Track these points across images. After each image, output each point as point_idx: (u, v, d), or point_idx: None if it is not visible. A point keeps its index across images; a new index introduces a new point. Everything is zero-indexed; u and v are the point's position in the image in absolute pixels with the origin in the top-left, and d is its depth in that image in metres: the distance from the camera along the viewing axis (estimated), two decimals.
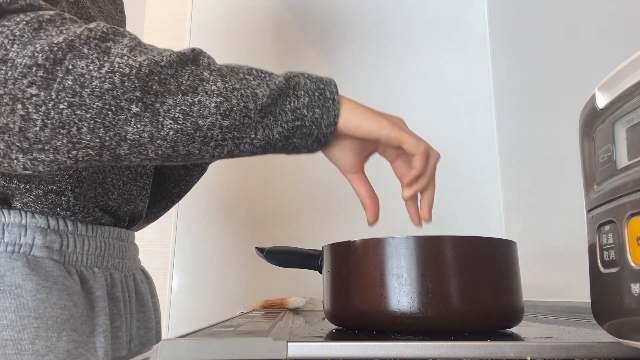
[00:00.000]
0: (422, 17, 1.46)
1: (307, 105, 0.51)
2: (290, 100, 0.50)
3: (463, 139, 1.39)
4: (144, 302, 0.77)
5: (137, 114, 0.44)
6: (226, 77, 0.48)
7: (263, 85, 0.49)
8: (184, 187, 0.86)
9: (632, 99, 0.31)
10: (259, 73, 0.51)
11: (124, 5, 0.84)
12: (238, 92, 0.48)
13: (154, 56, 0.46)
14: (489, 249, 0.48)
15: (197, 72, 0.47)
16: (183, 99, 0.46)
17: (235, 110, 0.47)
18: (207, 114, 0.46)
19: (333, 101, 0.52)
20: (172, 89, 0.45)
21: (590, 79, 0.38)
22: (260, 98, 0.48)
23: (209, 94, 0.46)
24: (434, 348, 0.36)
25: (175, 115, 0.45)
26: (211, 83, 0.47)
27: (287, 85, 0.50)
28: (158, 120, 0.45)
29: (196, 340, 0.35)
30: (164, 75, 0.45)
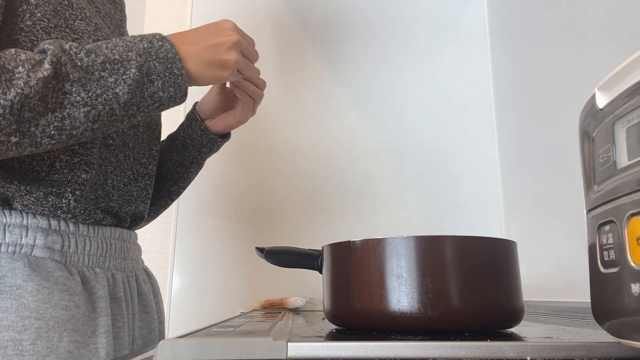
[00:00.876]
0: (422, 17, 1.46)
1: (162, 87, 0.57)
2: (147, 87, 0.56)
3: (463, 139, 1.39)
4: (147, 303, 0.76)
5: (17, 143, 0.49)
6: (86, 85, 0.52)
7: (120, 82, 0.54)
8: (182, 184, 0.86)
9: (632, 99, 0.31)
10: (113, 65, 0.54)
11: (124, 5, 0.83)
12: (101, 98, 0.53)
13: (22, 88, 0.48)
14: (489, 249, 0.48)
15: (58, 86, 0.51)
16: (53, 117, 0.50)
17: (102, 114, 0.53)
18: (78, 124, 0.52)
19: (182, 77, 0.58)
20: (41, 110, 0.50)
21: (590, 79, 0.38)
22: (122, 96, 0.54)
23: (76, 105, 0.51)
24: (434, 348, 0.36)
25: (51, 132, 0.51)
26: (74, 94, 0.51)
27: (141, 74, 0.55)
28: (37, 142, 0.50)
29: (196, 340, 0.35)
30: (33, 103, 0.49)
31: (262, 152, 1.33)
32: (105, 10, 0.74)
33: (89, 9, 0.67)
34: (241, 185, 1.32)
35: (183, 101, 0.60)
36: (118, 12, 0.80)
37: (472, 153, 1.39)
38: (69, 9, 0.62)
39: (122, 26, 0.81)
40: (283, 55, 1.41)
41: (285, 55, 1.41)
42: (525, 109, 1.23)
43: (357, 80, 1.40)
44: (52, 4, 0.60)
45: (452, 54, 1.45)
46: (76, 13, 0.63)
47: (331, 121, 1.37)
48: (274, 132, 1.34)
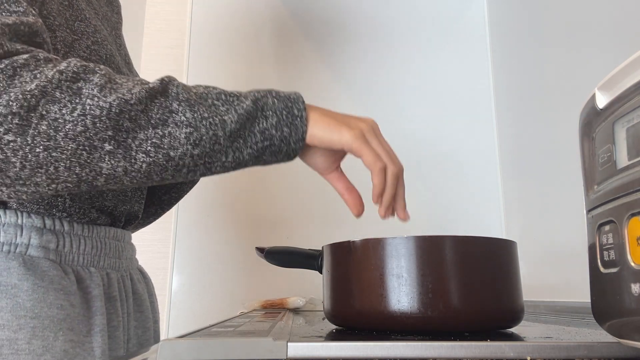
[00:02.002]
0: (422, 17, 1.46)
1: (276, 125, 0.53)
2: (259, 122, 0.52)
3: (463, 140, 1.39)
4: (142, 302, 0.76)
5: (110, 152, 0.47)
6: (194, 106, 0.49)
7: (231, 111, 0.51)
8: (175, 195, 0.85)
9: (632, 99, 0.31)
10: (228, 97, 0.52)
11: (120, 7, 0.83)
12: (207, 121, 0.49)
13: (124, 94, 0.47)
14: (489, 249, 0.48)
15: (165, 103, 0.48)
16: (154, 132, 0.48)
17: (204, 139, 0.49)
18: (177, 145, 0.48)
19: (301, 118, 0.54)
20: (143, 123, 0.47)
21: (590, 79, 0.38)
22: (229, 124, 0.50)
23: (179, 125, 0.48)
24: (434, 348, 0.36)
25: (147, 148, 0.47)
26: (180, 114, 0.49)
27: (255, 108, 0.52)
28: (131, 155, 0.47)
29: (196, 340, 0.36)
30: (134, 112, 0.47)
31: None
32: (102, 12, 0.74)
33: (88, 11, 0.67)
34: (241, 185, 1.32)
35: (297, 150, 0.55)
36: (115, 14, 0.80)
37: (472, 153, 1.39)
38: (69, 9, 0.62)
39: (119, 28, 0.80)
40: (283, 56, 1.41)
41: (285, 55, 1.41)
42: (525, 109, 1.23)
43: (357, 80, 1.40)
44: (55, 3, 0.60)
45: (452, 54, 1.45)
46: (76, 14, 0.63)
47: None
48: None
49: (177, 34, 1.40)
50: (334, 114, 0.56)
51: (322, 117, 0.55)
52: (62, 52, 0.59)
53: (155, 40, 1.40)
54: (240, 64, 1.38)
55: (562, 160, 1.03)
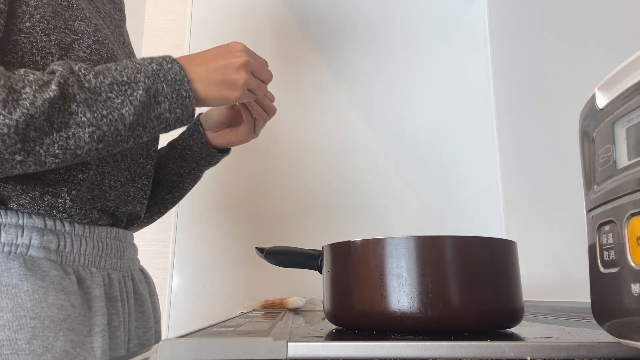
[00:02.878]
0: (422, 17, 1.46)
1: (169, 108, 0.57)
2: (154, 109, 0.56)
3: (463, 139, 1.39)
4: (143, 302, 0.76)
5: (21, 161, 0.50)
6: (92, 105, 0.52)
7: (127, 104, 0.54)
8: (177, 194, 0.86)
9: (632, 99, 0.31)
10: (120, 87, 0.55)
11: (123, 5, 0.83)
12: (107, 119, 0.53)
13: (28, 109, 0.49)
14: (489, 249, 0.48)
15: (64, 106, 0.51)
16: (58, 136, 0.51)
17: (107, 134, 0.54)
18: (83, 144, 0.52)
19: (189, 98, 0.59)
20: (47, 129, 0.50)
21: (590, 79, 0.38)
22: (127, 117, 0.54)
23: (81, 125, 0.52)
24: (434, 348, 0.36)
25: (55, 152, 0.51)
26: (80, 115, 0.52)
27: (148, 96, 0.56)
28: (41, 160, 0.51)
29: (196, 340, 0.35)
30: (39, 123, 0.49)
31: (263, 152, 1.33)
32: (105, 10, 0.74)
33: (88, 10, 0.67)
34: (241, 185, 1.32)
35: (190, 122, 0.61)
36: (117, 12, 0.80)
37: (472, 153, 1.39)
38: (69, 9, 0.62)
39: (122, 26, 0.80)
40: (283, 55, 1.41)
41: (285, 55, 1.41)
42: (525, 109, 1.23)
43: (357, 80, 1.40)
44: (51, 6, 0.60)
45: (452, 54, 1.45)
46: (76, 14, 0.63)
47: (331, 121, 1.37)
48: (274, 132, 1.34)
49: (177, 34, 1.40)
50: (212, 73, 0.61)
51: (207, 86, 0.61)
52: (57, 55, 0.59)
53: (155, 40, 1.40)
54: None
55: (562, 160, 1.03)
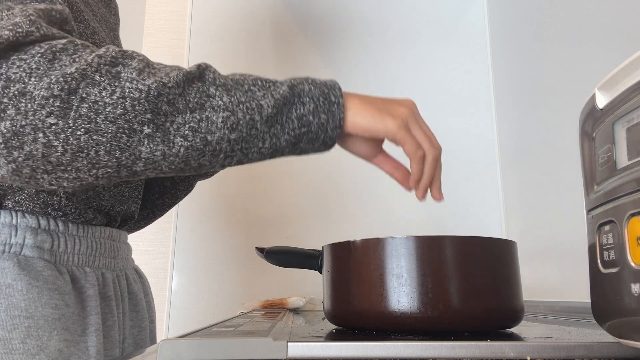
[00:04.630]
0: (422, 17, 1.46)
1: (313, 111, 0.52)
2: (296, 108, 0.52)
3: (463, 139, 1.39)
4: (137, 302, 0.76)
5: (149, 135, 0.46)
6: (231, 91, 0.49)
7: (268, 96, 0.50)
8: (168, 201, 0.85)
9: (632, 99, 0.31)
10: (264, 83, 0.52)
11: (117, 8, 0.83)
12: (244, 105, 0.49)
13: (162, 77, 0.47)
14: (489, 249, 0.48)
15: (203, 88, 0.48)
16: (191, 116, 0.47)
17: (241, 123, 0.49)
18: (215, 129, 0.48)
19: (338, 105, 0.53)
20: (181, 107, 0.47)
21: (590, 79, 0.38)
22: (266, 109, 0.50)
23: (216, 109, 0.48)
24: (434, 348, 0.36)
25: (185, 132, 0.47)
26: (217, 98, 0.49)
27: (292, 93, 0.52)
28: (169, 139, 0.47)
29: (196, 340, 0.35)
30: (172, 96, 0.47)
31: None
32: (100, 14, 0.74)
33: (86, 12, 0.67)
34: (241, 185, 1.32)
35: (334, 137, 0.53)
36: (112, 15, 0.79)
37: (472, 153, 1.39)
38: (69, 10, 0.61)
39: (116, 30, 0.80)
40: (283, 55, 1.41)
41: (285, 54, 1.41)
42: (525, 108, 1.23)
43: (357, 80, 1.40)
44: None
45: (452, 53, 1.45)
46: (75, 15, 0.63)
47: None
48: None
49: (177, 34, 1.40)
50: (373, 101, 0.56)
51: (363, 104, 0.55)
52: None
53: (155, 40, 1.40)
54: (240, 64, 1.38)
55: (562, 160, 1.03)
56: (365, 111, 0.54)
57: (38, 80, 0.44)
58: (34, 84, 0.44)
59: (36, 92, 0.43)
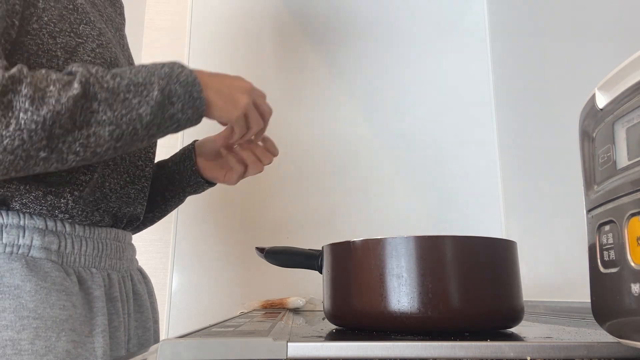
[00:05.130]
0: (422, 17, 1.46)
1: (182, 109, 0.58)
2: (167, 109, 0.57)
3: (463, 140, 1.39)
4: (142, 302, 0.77)
5: (44, 158, 0.50)
6: (112, 104, 0.53)
7: (144, 105, 0.55)
8: (158, 214, 0.86)
9: (632, 99, 0.31)
10: (137, 88, 0.55)
11: (123, 8, 0.83)
12: (126, 117, 0.54)
13: (54, 106, 0.50)
14: (489, 249, 0.48)
15: (86, 105, 0.52)
16: (79, 134, 0.52)
17: (125, 133, 0.54)
18: (102, 142, 0.53)
19: (200, 100, 0.60)
20: (70, 127, 0.51)
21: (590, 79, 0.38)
22: (144, 117, 0.55)
23: (102, 123, 0.53)
24: (434, 348, 0.36)
25: (77, 149, 0.52)
26: (101, 113, 0.53)
27: (163, 97, 0.57)
28: (62, 158, 0.52)
29: (196, 340, 0.36)
30: (64, 120, 0.50)
31: None
32: (107, 13, 0.74)
33: (92, 13, 0.67)
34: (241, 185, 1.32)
35: (197, 123, 0.62)
36: (118, 15, 0.80)
37: (472, 153, 1.39)
38: (74, 13, 0.63)
39: (122, 29, 0.81)
40: (283, 55, 1.41)
41: (285, 54, 1.41)
42: (525, 109, 1.23)
43: (357, 80, 1.40)
44: (57, 8, 0.61)
45: (452, 53, 1.45)
46: (81, 17, 0.64)
47: (331, 120, 1.37)
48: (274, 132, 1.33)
49: (177, 33, 1.40)
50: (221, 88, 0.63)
51: (214, 87, 0.62)
52: (62, 58, 0.60)
53: (155, 40, 1.40)
54: (240, 64, 1.38)
55: (562, 160, 1.03)
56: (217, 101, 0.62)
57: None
58: None
59: None
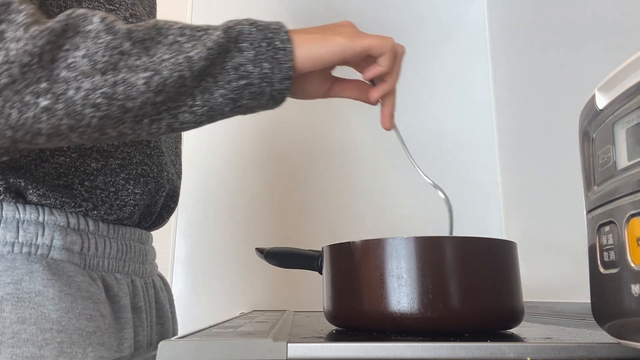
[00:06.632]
0: (422, 17, 1.46)
1: (253, 59, 0.44)
2: (232, 56, 0.43)
3: (463, 139, 1.39)
4: (163, 312, 0.69)
5: (48, 108, 0.38)
6: (152, 47, 0.41)
7: (198, 46, 0.42)
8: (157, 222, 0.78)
9: (632, 99, 0.31)
10: (193, 32, 0.43)
11: None
12: (168, 62, 0.41)
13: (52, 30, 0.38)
14: (489, 249, 0.48)
15: (114, 43, 0.39)
16: (103, 80, 0.39)
17: (169, 83, 0.41)
18: (135, 94, 0.40)
19: (285, 51, 0.45)
20: (86, 69, 0.38)
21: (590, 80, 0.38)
22: (197, 62, 0.41)
23: (133, 69, 0.40)
24: (434, 349, 0.36)
25: (97, 101, 0.39)
26: (133, 57, 0.40)
27: (228, 39, 0.43)
28: (76, 111, 0.38)
29: (196, 341, 0.35)
30: None
31: (262, 152, 1.33)
32: None
33: None
34: (241, 185, 1.32)
35: (283, 91, 0.46)
36: None
37: (472, 153, 1.39)
38: None
39: (154, 6, 0.73)
40: None
41: None
42: (525, 108, 1.23)
43: None
44: None
45: (452, 54, 1.45)
46: None
47: (331, 121, 1.37)
48: (274, 133, 1.34)
49: None
50: (314, 30, 0.49)
51: (305, 36, 0.47)
52: None
53: None
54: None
55: (562, 160, 1.03)
56: (308, 42, 0.47)
57: None
58: None
59: None
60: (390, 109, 0.57)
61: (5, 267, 0.47)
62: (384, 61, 0.51)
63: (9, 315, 0.45)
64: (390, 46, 0.50)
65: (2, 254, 0.47)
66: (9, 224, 0.48)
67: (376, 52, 0.51)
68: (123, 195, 0.57)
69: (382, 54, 0.51)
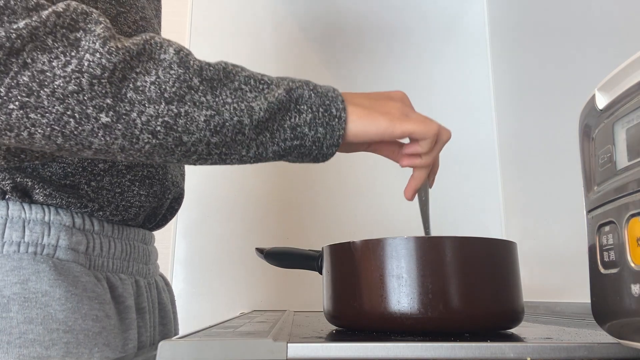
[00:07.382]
0: (422, 18, 1.46)
1: (310, 122, 0.45)
2: (291, 116, 0.45)
3: (463, 139, 1.39)
4: (165, 313, 0.70)
5: (106, 125, 0.38)
6: (217, 88, 0.42)
7: (260, 98, 0.43)
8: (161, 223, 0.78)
9: (632, 99, 0.31)
10: (257, 83, 0.45)
11: None
12: (231, 106, 0.42)
13: None
14: (489, 250, 0.48)
15: (185, 76, 0.40)
16: (167, 109, 0.39)
17: (227, 125, 0.42)
18: (194, 129, 0.40)
19: (339, 120, 0.46)
20: (154, 96, 0.39)
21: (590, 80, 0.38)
22: (257, 112, 0.43)
23: (198, 105, 0.40)
24: (434, 349, 0.36)
25: (156, 128, 0.39)
26: (200, 93, 0.41)
27: (289, 98, 0.45)
28: (133, 134, 0.39)
29: (196, 341, 0.35)
30: None
31: None
32: None
33: None
34: (241, 185, 1.32)
35: (328, 155, 0.48)
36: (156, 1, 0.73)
37: (472, 153, 1.39)
38: None
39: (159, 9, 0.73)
40: (283, 56, 1.41)
41: (286, 56, 1.41)
42: (525, 108, 1.23)
43: (356, 80, 1.40)
44: None
45: (452, 54, 1.45)
46: None
47: None
48: None
49: (177, 34, 1.40)
50: (365, 99, 0.50)
51: (357, 110, 0.48)
52: None
53: None
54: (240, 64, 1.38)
55: (562, 160, 1.03)
56: (361, 115, 0.48)
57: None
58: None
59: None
60: (416, 182, 0.57)
61: (12, 267, 0.47)
62: (425, 145, 0.51)
63: (16, 315, 0.45)
64: (434, 133, 0.50)
65: (8, 254, 0.47)
66: (15, 223, 0.48)
67: (419, 137, 0.51)
68: (129, 196, 0.57)
69: (424, 140, 0.51)
